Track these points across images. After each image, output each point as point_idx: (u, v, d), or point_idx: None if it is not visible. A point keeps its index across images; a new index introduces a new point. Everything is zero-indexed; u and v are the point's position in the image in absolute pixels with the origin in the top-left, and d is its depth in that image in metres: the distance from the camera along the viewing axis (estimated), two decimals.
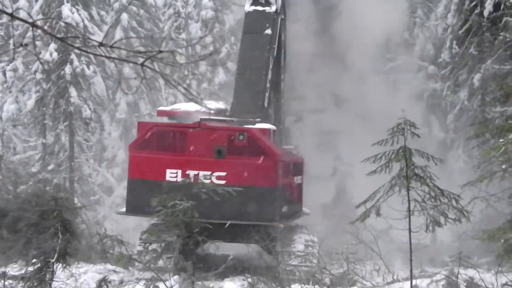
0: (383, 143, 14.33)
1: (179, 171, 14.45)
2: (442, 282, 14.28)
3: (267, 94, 16.56)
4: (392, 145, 15.49)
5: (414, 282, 12.54)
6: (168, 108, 16.42)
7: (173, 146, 14.74)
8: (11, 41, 20.58)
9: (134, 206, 14.52)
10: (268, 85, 16.62)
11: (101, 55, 4.16)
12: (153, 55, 4.19)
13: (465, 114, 20.38)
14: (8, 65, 23.43)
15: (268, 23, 17.12)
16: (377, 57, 21.85)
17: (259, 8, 17.13)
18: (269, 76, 16.69)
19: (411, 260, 12.49)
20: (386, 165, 13.24)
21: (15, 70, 22.82)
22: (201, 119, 14.98)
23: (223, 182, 14.47)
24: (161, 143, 14.71)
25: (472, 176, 19.95)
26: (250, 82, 16.49)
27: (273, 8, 17.28)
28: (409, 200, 12.36)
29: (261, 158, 14.63)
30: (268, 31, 17.04)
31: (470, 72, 20.28)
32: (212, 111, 15.35)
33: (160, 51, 4.21)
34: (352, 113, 21.80)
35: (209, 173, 14.54)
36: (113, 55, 4.15)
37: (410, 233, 12.37)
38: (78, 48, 4.28)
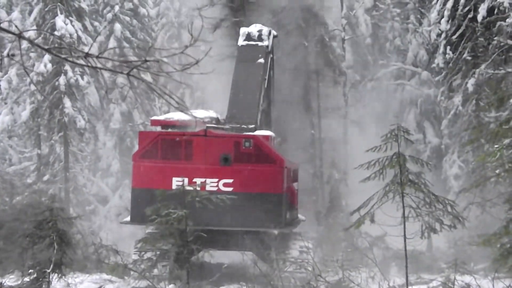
0: (376, 149, 14.38)
1: (186, 179, 14.47)
2: None
3: (259, 116, 16.89)
4: (386, 152, 15.51)
5: None
6: (161, 118, 16.49)
7: (179, 155, 14.76)
8: (0, 53, 20.64)
9: (139, 215, 14.43)
10: (260, 106, 17.01)
11: (87, 65, 4.18)
12: (138, 64, 4.21)
13: (459, 120, 20.41)
14: (2, 77, 23.47)
15: (260, 54, 17.93)
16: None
17: (252, 42, 18.00)
18: (261, 101, 17.19)
19: (406, 266, 12.48)
20: (380, 171, 13.27)
21: (9, 81, 22.84)
22: (207, 126, 15.10)
23: (230, 189, 14.57)
24: (167, 151, 14.74)
25: (467, 181, 20.01)
26: (244, 101, 16.95)
27: (265, 43, 18.14)
28: (403, 207, 12.37)
29: (268, 165, 14.71)
30: (261, 60, 17.84)
31: (464, 77, 20.33)
32: (202, 120, 15.46)
33: (146, 61, 4.23)
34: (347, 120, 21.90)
35: (216, 180, 14.62)
36: (99, 65, 4.16)
37: (405, 240, 12.37)
38: (64, 58, 4.30)
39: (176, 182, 14.48)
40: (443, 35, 20.75)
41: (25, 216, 16.71)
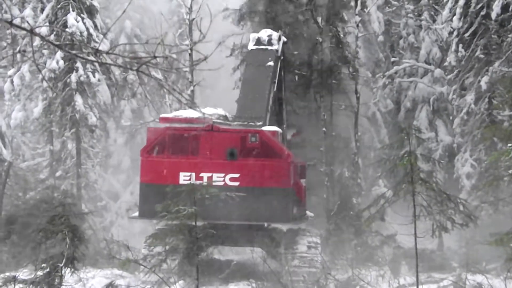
0: (388, 147, 14.33)
1: (193, 174, 14.52)
2: None
3: (268, 116, 16.94)
4: (397, 150, 15.41)
5: (420, 287, 12.47)
6: (170, 115, 16.55)
7: (186, 150, 14.82)
8: (12, 49, 20.74)
9: (147, 210, 14.52)
10: (269, 107, 17.05)
11: (97, 61, 4.21)
12: (148, 60, 4.23)
13: (472, 118, 20.28)
14: (15, 73, 23.62)
15: (270, 58, 18.06)
16: None
17: (262, 47, 18.20)
18: (270, 102, 17.25)
19: (417, 265, 12.44)
20: (391, 169, 13.24)
21: (22, 78, 22.97)
22: (214, 122, 15.12)
23: (236, 183, 14.59)
24: (174, 146, 14.78)
25: (479, 180, 19.88)
26: (253, 101, 17.04)
27: (274, 47, 18.29)
28: (414, 205, 12.32)
29: (274, 159, 14.76)
30: (271, 63, 17.98)
31: (476, 75, 20.18)
32: (211, 117, 15.53)
33: (155, 57, 4.25)
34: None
35: (222, 175, 14.62)
36: (109, 62, 4.19)
37: (416, 239, 12.32)
38: (75, 55, 4.34)
39: (183, 177, 14.53)
40: (455, 33, 20.60)
41: (38, 211, 16.86)
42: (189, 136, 14.84)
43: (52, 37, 19.95)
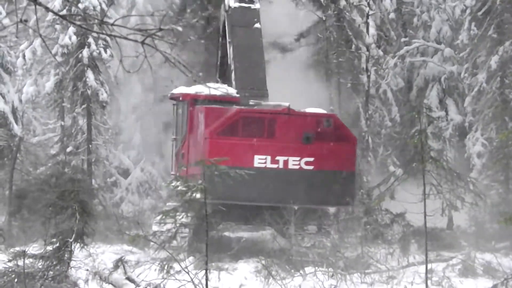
0: (398, 126, 14.22)
1: (268, 157, 14.45)
2: (458, 267, 14.21)
3: (266, 85, 16.88)
4: (408, 128, 15.34)
5: (429, 266, 12.48)
6: (191, 91, 16.47)
7: (261, 132, 14.68)
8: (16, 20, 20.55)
9: (216, 193, 14.53)
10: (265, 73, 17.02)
11: (101, 33, 4.17)
12: (153, 33, 4.19)
13: (483, 97, 20.12)
14: (27, 48, 23.60)
15: (256, 18, 17.71)
16: None
17: (244, 4, 17.67)
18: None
19: (426, 244, 12.42)
20: (402, 148, 13.17)
21: (34, 52, 22.96)
22: (289, 105, 15.10)
23: (311, 167, 14.65)
24: (248, 129, 14.63)
25: (490, 159, 19.76)
26: (251, 71, 16.90)
27: (257, 5, 17.93)
28: (424, 184, 12.26)
29: (344, 143, 14.98)
30: (258, 25, 17.69)
31: (488, 54, 19.98)
32: (227, 94, 15.46)
33: (161, 29, 4.20)
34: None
35: (298, 158, 14.64)
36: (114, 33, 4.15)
37: (425, 217, 12.28)
38: (79, 25, 4.30)
39: (258, 160, 14.43)
40: (468, 11, 20.36)
41: (49, 187, 16.94)
42: (264, 119, 14.63)
43: (64, 13, 19.86)
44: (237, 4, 17.62)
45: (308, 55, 21.81)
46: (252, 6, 17.81)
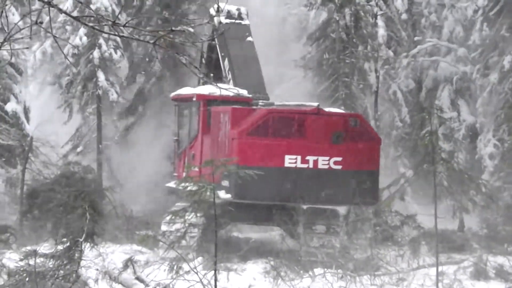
0: (409, 127, 14.17)
1: (299, 157, 14.52)
2: (470, 269, 14.11)
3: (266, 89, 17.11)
4: (419, 129, 15.26)
5: (440, 268, 12.42)
6: (205, 92, 16.50)
7: (291, 132, 14.76)
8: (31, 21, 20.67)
9: (244, 193, 14.57)
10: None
11: (114, 34, 4.18)
12: (165, 34, 4.18)
13: (495, 98, 20.02)
14: (38, 48, 23.77)
15: (247, 33, 18.05)
16: None
17: (234, 21, 18.03)
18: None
19: (437, 246, 12.37)
20: (412, 149, 13.10)
21: (44, 53, 23.14)
22: (318, 105, 15.25)
23: (339, 167, 14.77)
24: (279, 129, 14.67)
25: (502, 161, 19.63)
26: (250, 78, 17.06)
27: (247, 22, 18.27)
28: (435, 185, 12.21)
29: (370, 142, 15.08)
30: (250, 39, 18.02)
31: (501, 54, 19.87)
32: (238, 93, 15.53)
33: (172, 30, 4.20)
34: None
35: (327, 158, 14.73)
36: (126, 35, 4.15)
37: (436, 219, 12.23)
38: (92, 27, 4.30)
39: (288, 159, 14.49)
40: (480, 11, 20.26)
41: (59, 187, 17.02)
42: (294, 119, 14.76)
43: (75, 14, 19.94)
44: (227, 20, 17.96)
45: (317, 55, 21.79)
46: (242, 22, 18.16)
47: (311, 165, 14.54)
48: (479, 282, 13.53)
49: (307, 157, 14.60)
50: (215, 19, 18.03)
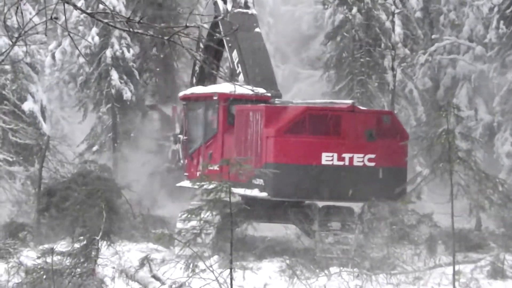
0: (425, 125, 14.10)
1: (335, 155, 14.62)
2: (487, 268, 13.99)
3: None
4: (436, 128, 15.15)
5: (457, 267, 12.32)
6: (226, 90, 16.52)
7: (327, 130, 14.82)
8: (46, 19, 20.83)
9: (282, 191, 14.63)
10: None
11: (128, 30, 4.18)
12: (179, 30, 4.18)
13: None
14: (56, 48, 23.95)
15: (255, 23, 17.83)
16: None
17: (242, 10, 17.80)
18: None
19: (453, 245, 12.27)
20: (428, 147, 13.03)
21: (63, 52, 23.32)
22: (353, 102, 15.40)
23: (373, 164, 14.90)
24: (315, 127, 14.73)
25: None
26: (262, 72, 17.06)
27: (254, 12, 18.08)
28: (451, 184, 12.11)
29: (399, 139, 15.14)
30: (258, 30, 17.83)
31: None
32: (256, 92, 15.56)
33: (187, 26, 4.20)
34: None
35: (362, 155, 14.84)
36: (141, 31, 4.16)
37: (452, 218, 12.12)
38: (106, 23, 4.32)
39: (325, 157, 14.55)
40: (496, 9, 20.09)
41: (76, 185, 17.14)
42: (331, 116, 14.84)
43: (89, 11, 20.05)
44: (235, 10, 17.65)
45: (334, 54, 21.73)
46: (249, 11, 17.95)
47: (347, 163, 14.62)
48: (496, 281, 13.42)
49: (343, 155, 14.67)
50: (221, 6, 17.82)
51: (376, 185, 14.75)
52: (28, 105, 20.05)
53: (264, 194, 14.70)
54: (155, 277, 12.82)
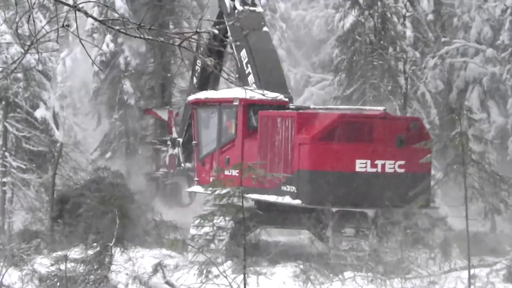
0: (438, 128, 14.01)
1: (368, 161, 14.72)
2: (503, 272, 13.85)
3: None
4: (449, 131, 15.03)
5: (472, 271, 12.20)
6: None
7: (361, 137, 14.89)
8: (57, 26, 20.93)
9: (316, 198, 14.63)
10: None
11: (139, 37, 4.18)
12: (190, 36, 4.18)
13: None
14: (67, 55, 24.09)
15: (262, 22, 17.74)
16: None
17: (249, 8, 17.66)
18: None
19: (468, 248, 12.15)
20: (442, 150, 12.94)
21: (74, 60, 23.43)
22: (384, 109, 15.49)
23: (403, 170, 14.98)
24: (349, 133, 14.79)
25: None
26: (271, 73, 16.98)
27: (260, 9, 18.07)
28: (465, 187, 12.01)
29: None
30: (266, 29, 17.76)
31: None
32: (269, 97, 15.60)
33: (197, 32, 4.19)
34: None
35: (393, 162, 14.93)
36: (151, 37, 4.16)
37: (467, 221, 12.02)
38: (117, 30, 4.32)
39: (359, 164, 14.66)
40: (509, 11, 19.97)
41: (89, 192, 17.18)
42: (364, 123, 14.96)
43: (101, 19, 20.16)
44: (243, 7, 17.43)
45: (346, 57, 21.68)
46: (257, 9, 17.86)
47: (379, 169, 14.70)
48: None
49: (376, 161, 14.74)
50: (227, 2, 17.68)
51: (405, 191, 14.71)
52: (40, 112, 20.15)
53: (297, 202, 14.63)
54: (168, 283, 12.81)
